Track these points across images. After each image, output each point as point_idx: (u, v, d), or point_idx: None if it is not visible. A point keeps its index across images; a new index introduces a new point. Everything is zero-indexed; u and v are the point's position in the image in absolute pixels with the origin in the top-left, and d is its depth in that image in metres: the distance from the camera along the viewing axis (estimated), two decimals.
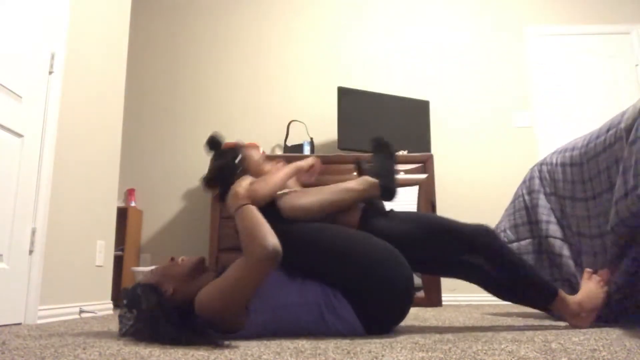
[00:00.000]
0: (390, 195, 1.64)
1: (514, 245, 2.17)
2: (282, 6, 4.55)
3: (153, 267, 1.54)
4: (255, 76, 4.41)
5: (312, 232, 1.51)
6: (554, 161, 2.06)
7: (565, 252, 1.92)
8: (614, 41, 4.41)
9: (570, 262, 1.90)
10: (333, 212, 1.61)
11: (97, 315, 2.54)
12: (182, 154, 4.28)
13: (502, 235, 2.24)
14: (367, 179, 1.64)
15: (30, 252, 2.10)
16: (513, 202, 2.29)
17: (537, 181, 2.13)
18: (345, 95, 3.90)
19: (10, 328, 1.82)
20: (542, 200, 2.07)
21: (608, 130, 1.70)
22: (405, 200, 3.41)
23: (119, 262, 3.72)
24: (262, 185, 1.51)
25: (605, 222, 1.71)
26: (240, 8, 4.55)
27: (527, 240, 2.13)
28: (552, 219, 2.00)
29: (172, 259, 1.50)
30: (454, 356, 1.03)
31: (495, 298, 1.76)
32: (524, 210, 2.17)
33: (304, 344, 1.25)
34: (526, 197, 2.17)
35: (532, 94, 4.33)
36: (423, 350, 1.12)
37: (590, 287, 1.61)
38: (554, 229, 1.99)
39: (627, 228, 1.50)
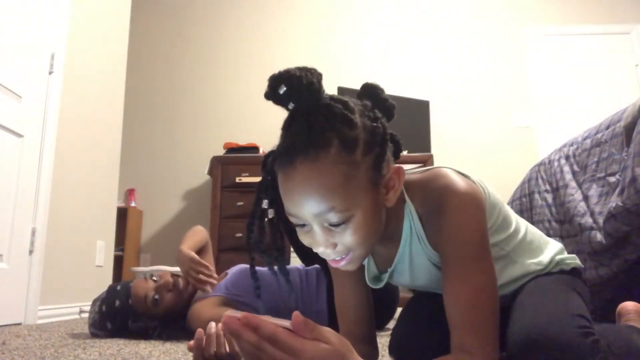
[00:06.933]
0: None
1: None
2: (282, 6, 4.55)
3: (154, 268, 1.55)
4: (255, 76, 4.41)
5: None
6: (552, 157, 2.06)
7: None
8: (614, 41, 4.40)
9: None
10: None
11: None
12: (182, 154, 4.27)
13: None
14: None
15: (30, 252, 2.10)
16: (510, 203, 2.27)
17: (533, 182, 2.13)
18: (345, 95, 3.89)
19: (10, 328, 1.82)
20: (537, 201, 2.07)
21: (607, 127, 1.71)
22: None
23: (119, 262, 3.72)
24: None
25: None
26: (240, 8, 4.54)
27: None
28: (546, 217, 2.00)
29: (174, 284, 1.52)
30: None
31: None
32: (521, 213, 2.17)
33: None
34: (524, 199, 2.17)
35: (532, 94, 4.33)
36: None
37: None
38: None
39: (619, 223, 1.48)
